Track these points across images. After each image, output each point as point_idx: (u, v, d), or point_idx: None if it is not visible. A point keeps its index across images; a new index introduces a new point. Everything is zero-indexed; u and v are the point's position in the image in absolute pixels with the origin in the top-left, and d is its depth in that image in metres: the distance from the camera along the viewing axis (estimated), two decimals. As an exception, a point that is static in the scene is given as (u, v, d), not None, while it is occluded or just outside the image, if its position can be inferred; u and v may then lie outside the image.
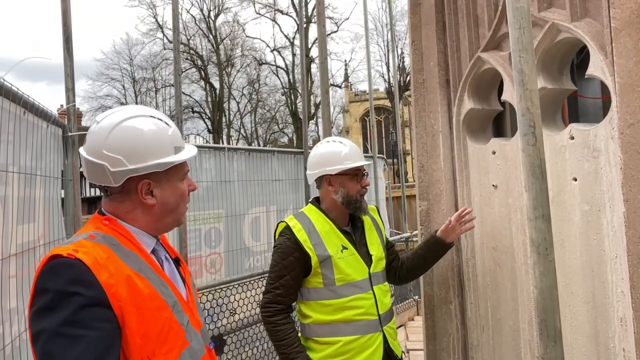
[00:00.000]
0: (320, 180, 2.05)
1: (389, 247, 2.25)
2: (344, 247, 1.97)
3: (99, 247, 1.04)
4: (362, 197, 2.03)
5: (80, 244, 1.03)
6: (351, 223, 2.08)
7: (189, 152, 1.18)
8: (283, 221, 2.03)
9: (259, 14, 26.03)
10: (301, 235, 1.94)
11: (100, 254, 1.02)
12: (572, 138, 1.92)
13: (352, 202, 2.00)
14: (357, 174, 2.02)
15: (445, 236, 2.13)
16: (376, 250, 2.05)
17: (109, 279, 0.99)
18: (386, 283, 2.09)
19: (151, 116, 1.15)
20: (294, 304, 2.04)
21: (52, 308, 0.95)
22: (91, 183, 1.14)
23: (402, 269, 2.22)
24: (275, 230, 2.04)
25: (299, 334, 1.98)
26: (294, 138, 26.15)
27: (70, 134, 2.53)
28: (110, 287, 0.99)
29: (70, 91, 2.65)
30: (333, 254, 1.92)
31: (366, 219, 2.11)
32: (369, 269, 1.98)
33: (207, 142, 24.35)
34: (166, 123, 1.16)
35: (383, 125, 32.53)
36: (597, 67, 1.80)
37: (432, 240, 2.17)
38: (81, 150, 1.13)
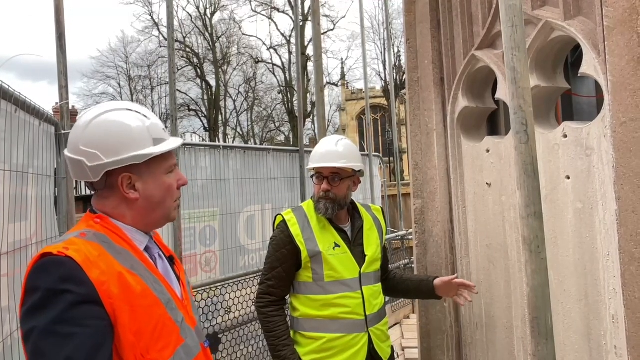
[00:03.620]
0: None
1: (382, 254, 2.23)
2: (337, 245, 1.97)
3: (90, 244, 1.04)
4: (321, 199, 1.95)
5: (71, 241, 1.03)
6: (351, 221, 2.07)
7: (170, 144, 1.16)
8: (280, 214, 2.05)
9: (255, 12, 25.94)
10: (295, 229, 1.96)
11: (91, 252, 1.02)
12: (565, 136, 1.93)
13: (315, 203, 2.00)
14: (315, 175, 2.00)
15: (440, 289, 2.08)
16: (372, 251, 2.04)
17: (100, 276, 0.99)
18: (378, 284, 2.07)
19: (127, 109, 1.14)
20: (287, 297, 2.05)
21: (43, 306, 0.95)
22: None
23: (387, 283, 2.19)
24: (274, 223, 2.08)
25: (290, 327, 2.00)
26: (291, 136, 26.12)
27: (63, 131, 2.51)
28: (101, 285, 0.98)
29: (63, 89, 2.63)
30: (324, 250, 1.93)
31: (367, 219, 2.11)
32: (360, 268, 1.98)
33: (203, 140, 24.27)
34: (144, 115, 1.14)
35: (379, 123, 32.54)
36: (590, 66, 1.81)
37: (427, 286, 2.11)
38: (66, 149, 1.14)
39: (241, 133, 28.20)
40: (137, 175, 1.12)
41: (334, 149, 1.99)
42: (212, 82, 26.28)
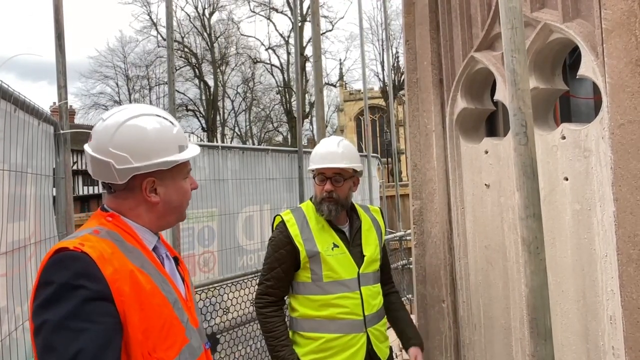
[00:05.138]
0: None
1: (382, 254, 2.22)
2: (335, 245, 1.97)
3: (104, 242, 1.05)
4: (324, 201, 1.95)
5: (86, 238, 1.05)
6: (350, 222, 2.08)
7: (192, 150, 1.21)
8: (279, 215, 2.06)
9: (253, 12, 25.93)
10: (293, 230, 1.97)
11: (106, 249, 1.03)
12: (564, 138, 1.94)
13: (316, 204, 2.00)
14: (317, 176, 1.99)
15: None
16: (371, 251, 2.05)
17: (113, 273, 1.01)
18: (377, 285, 2.07)
19: (157, 115, 1.17)
20: (286, 297, 2.05)
21: (56, 300, 0.96)
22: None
23: (384, 298, 2.15)
24: (273, 223, 2.08)
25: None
26: (289, 137, 26.10)
27: (62, 131, 2.50)
28: (114, 282, 1.00)
29: (62, 88, 2.62)
30: (322, 251, 1.94)
31: (366, 219, 2.11)
32: (359, 269, 1.99)
33: (201, 140, 24.20)
34: (171, 122, 1.19)
35: (377, 124, 32.57)
36: (588, 68, 1.82)
37: (404, 341, 2.12)
38: (86, 147, 1.14)
39: (239, 133, 28.19)
40: (160, 179, 1.15)
41: (336, 150, 1.99)
42: (210, 82, 26.26)
